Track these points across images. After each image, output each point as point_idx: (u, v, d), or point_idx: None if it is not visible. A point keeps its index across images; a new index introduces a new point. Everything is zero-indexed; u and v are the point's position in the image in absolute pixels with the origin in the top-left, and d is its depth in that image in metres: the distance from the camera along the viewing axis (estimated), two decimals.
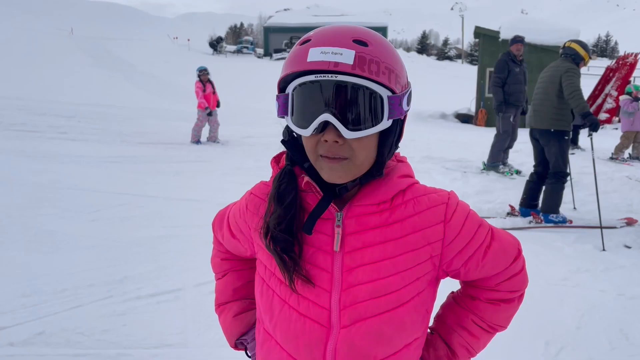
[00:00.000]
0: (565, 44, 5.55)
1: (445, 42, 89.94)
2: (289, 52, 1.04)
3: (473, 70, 29.15)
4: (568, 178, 5.60)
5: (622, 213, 5.92)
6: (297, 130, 0.99)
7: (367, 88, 0.94)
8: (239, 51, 44.28)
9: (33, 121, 11.13)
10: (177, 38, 45.58)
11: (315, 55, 0.94)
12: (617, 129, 13.03)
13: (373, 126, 0.96)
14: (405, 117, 1.03)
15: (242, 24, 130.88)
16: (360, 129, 0.95)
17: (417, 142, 10.38)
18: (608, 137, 11.30)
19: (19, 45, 24.07)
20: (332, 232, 1.02)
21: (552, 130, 5.40)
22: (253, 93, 10.63)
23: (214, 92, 11.03)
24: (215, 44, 42.44)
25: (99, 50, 28.69)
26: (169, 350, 2.98)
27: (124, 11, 74.77)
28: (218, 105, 11.11)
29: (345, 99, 0.94)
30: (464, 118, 17.58)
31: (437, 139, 11.22)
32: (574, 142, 10.88)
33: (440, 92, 22.84)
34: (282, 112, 1.02)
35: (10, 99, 13.77)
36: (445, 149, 10.10)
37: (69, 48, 27.35)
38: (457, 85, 22.61)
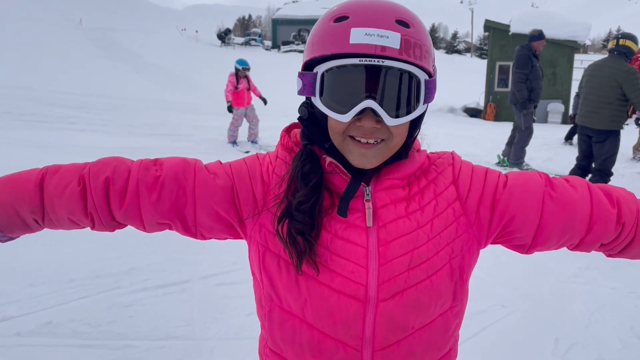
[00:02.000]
0: (619, 41, 5.46)
1: (455, 36, 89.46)
2: (297, 44, 0.98)
3: (482, 64, 28.92)
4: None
5: None
6: (331, 114, 0.93)
7: (411, 73, 0.91)
8: (246, 43, 44.08)
9: (42, 111, 11.15)
10: (185, 30, 45.50)
11: (359, 36, 0.88)
12: (627, 124, 12.86)
13: (413, 111, 0.93)
14: None
15: (250, 16, 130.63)
16: (401, 115, 0.92)
17: (425, 136, 10.29)
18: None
19: (28, 36, 24.13)
20: (363, 208, 0.99)
21: (609, 129, 5.47)
22: (260, 85, 10.56)
23: (249, 89, 9.98)
24: (223, 36, 42.25)
25: (108, 41, 28.70)
26: (175, 342, 2.97)
27: (133, 2, 74.77)
28: (264, 102, 10.25)
29: (389, 84, 0.90)
30: (473, 112, 17.49)
31: (446, 133, 11.13)
32: (570, 137, 10.75)
33: (448, 86, 22.70)
34: (309, 92, 0.95)
35: (20, 89, 13.81)
36: (454, 143, 10.02)
37: (77, 39, 27.38)
38: (465, 79, 22.51)
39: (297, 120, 1.05)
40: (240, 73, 9.80)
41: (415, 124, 1.01)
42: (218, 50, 35.83)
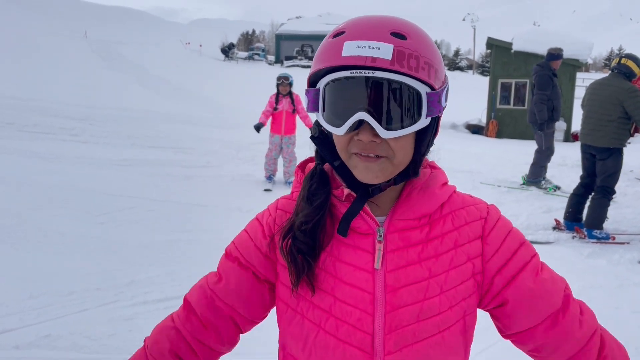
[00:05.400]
0: (621, 60, 5.54)
1: (457, 53, 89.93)
2: (300, 59, 0.97)
3: (484, 81, 29.04)
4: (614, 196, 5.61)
5: (637, 228, 5.84)
6: (329, 128, 0.93)
7: (405, 85, 0.88)
8: (250, 58, 44.44)
9: (45, 122, 11.19)
10: (189, 43, 45.87)
11: (351, 49, 0.88)
12: (630, 143, 12.85)
13: (411, 125, 0.90)
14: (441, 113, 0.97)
15: (254, 31, 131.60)
16: (397, 128, 0.89)
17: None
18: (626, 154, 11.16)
19: (32, 47, 24.30)
20: (372, 249, 0.95)
21: (612, 147, 5.48)
22: (263, 99, 10.60)
23: (294, 111, 7.90)
24: (227, 50, 42.61)
25: (112, 53, 28.91)
26: None
27: (138, 16, 75.45)
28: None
29: (382, 96, 0.88)
30: (475, 129, 17.52)
31: (448, 149, 11.13)
32: None
33: (450, 102, 22.62)
34: (313, 107, 0.96)
35: (24, 100, 13.87)
36: (457, 159, 10.03)
37: (82, 51, 27.58)
38: (467, 95, 22.57)
39: (310, 139, 1.05)
40: (281, 88, 7.90)
41: (423, 140, 0.96)
42: (221, 64, 36.05)
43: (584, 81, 23.98)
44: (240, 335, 1.12)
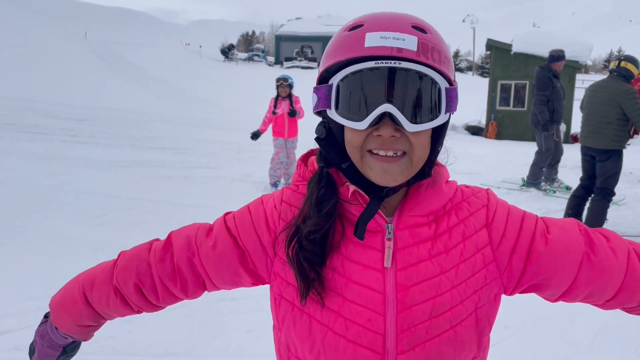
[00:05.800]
0: (620, 62, 5.55)
1: (456, 54, 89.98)
2: (299, 60, 0.94)
3: (484, 82, 29.06)
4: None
5: (637, 230, 5.84)
6: (348, 123, 0.88)
7: (430, 77, 0.86)
8: (250, 59, 44.46)
9: (44, 123, 11.19)
10: (189, 44, 45.94)
11: (374, 40, 0.85)
12: (629, 144, 12.84)
13: (434, 119, 0.88)
14: None
15: (253, 32, 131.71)
16: (421, 122, 0.87)
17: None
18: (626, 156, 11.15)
19: (32, 48, 24.30)
20: (382, 247, 0.92)
21: (611, 149, 5.50)
22: (262, 100, 10.60)
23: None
24: (227, 51, 42.66)
25: (112, 54, 28.90)
26: (174, 358, 2.94)
27: (138, 17, 75.53)
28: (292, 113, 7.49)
29: (407, 88, 0.86)
30: (474, 130, 17.51)
31: (447, 151, 11.13)
32: None
33: None
34: (324, 104, 0.91)
35: (23, 100, 13.87)
36: (456, 160, 10.03)
37: (82, 52, 27.56)
38: (467, 97, 22.64)
39: (313, 143, 1.01)
40: (281, 90, 7.58)
41: (437, 139, 0.94)
42: (221, 65, 36.08)
43: (583, 83, 23.98)
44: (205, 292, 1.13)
